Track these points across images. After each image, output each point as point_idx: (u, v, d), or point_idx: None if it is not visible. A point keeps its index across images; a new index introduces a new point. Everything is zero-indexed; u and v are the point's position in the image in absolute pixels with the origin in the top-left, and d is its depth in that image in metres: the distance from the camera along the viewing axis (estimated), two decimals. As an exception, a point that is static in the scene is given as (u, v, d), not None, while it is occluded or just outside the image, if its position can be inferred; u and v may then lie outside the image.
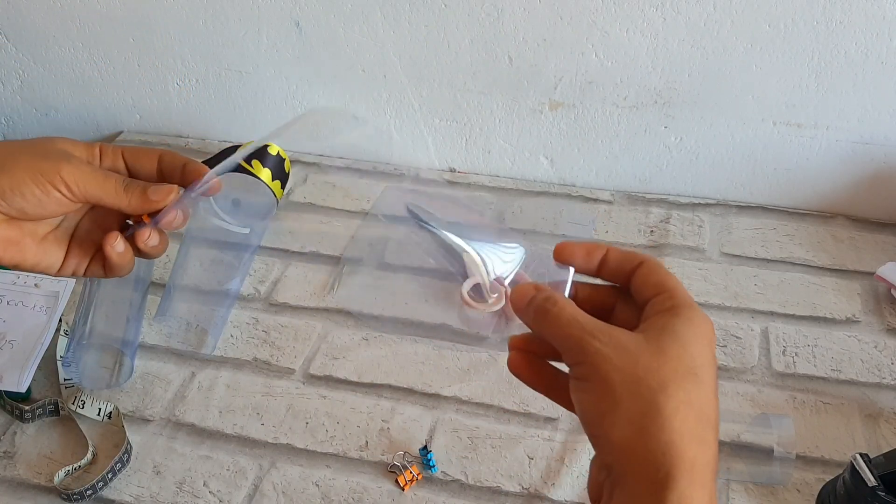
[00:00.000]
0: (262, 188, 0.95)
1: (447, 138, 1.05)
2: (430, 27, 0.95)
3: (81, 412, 0.74)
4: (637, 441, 0.35)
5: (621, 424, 0.36)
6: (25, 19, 1.06)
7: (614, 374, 0.36)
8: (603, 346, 0.37)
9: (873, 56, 0.85)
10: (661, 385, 0.36)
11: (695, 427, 0.36)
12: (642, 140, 0.98)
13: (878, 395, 0.75)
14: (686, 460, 0.35)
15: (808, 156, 0.95)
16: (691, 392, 0.36)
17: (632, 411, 0.36)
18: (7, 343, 0.78)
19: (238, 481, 0.70)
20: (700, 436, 0.36)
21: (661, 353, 0.37)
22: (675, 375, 0.36)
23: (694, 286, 0.88)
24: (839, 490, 0.62)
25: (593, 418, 0.37)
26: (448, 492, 0.69)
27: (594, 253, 0.42)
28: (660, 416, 0.35)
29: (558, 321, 0.39)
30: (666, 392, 0.36)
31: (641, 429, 0.35)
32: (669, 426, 0.35)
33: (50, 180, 0.46)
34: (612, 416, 0.36)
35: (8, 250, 0.48)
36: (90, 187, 0.47)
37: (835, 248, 0.93)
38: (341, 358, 0.80)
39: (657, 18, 0.88)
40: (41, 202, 0.46)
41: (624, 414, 0.36)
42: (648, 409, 0.35)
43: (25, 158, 0.46)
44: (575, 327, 0.38)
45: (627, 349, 0.37)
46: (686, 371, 0.36)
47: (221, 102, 1.09)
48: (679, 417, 0.35)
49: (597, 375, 0.37)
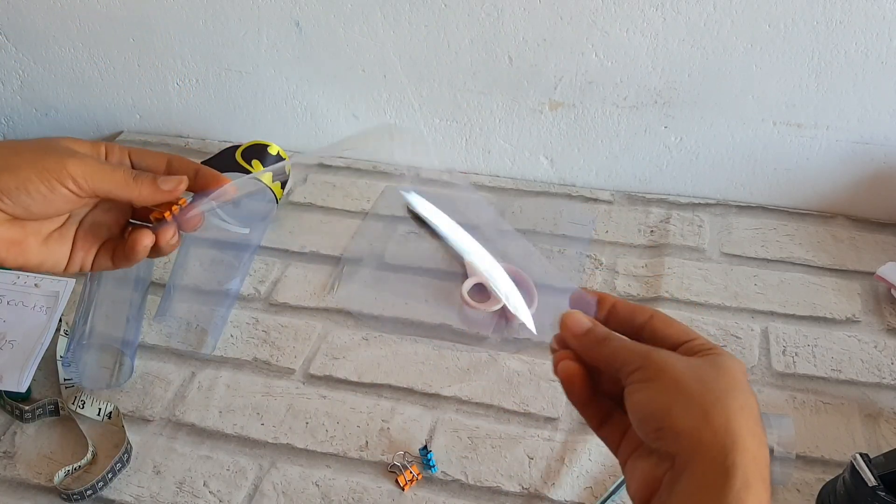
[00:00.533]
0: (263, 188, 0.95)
1: (447, 138, 1.05)
2: (430, 27, 0.95)
3: (81, 412, 0.74)
4: (705, 429, 0.38)
5: (689, 415, 0.38)
6: (25, 19, 1.06)
7: (680, 373, 0.40)
8: (666, 355, 0.41)
9: (873, 56, 0.86)
10: (724, 388, 0.39)
11: (754, 427, 0.38)
12: (642, 140, 0.98)
13: (878, 395, 0.76)
14: (749, 452, 0.37)
15: (808, 156, 0.95)
16: (748, 399, 0.39)
17: (699, 403, 0.38)
18: (7, 343, 0.78)
19: (238, 481, 0.70)
20: (758, 436, 0.38)
21: (717, 368, 0.40)
22: (735, 385, 0.39)
23: (694, 286, 0.88)
24: (839, 490, 0.62)
25: (658, 412, 0.39)
26: (448, 492, 0.69)
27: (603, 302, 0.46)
28: (726, 409, 0.38)
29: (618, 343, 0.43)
30: (729, 393, 0.39)
31: (709, 419, 0.38)
32: (735, 419, 0.38)
33: (56, 176, 0.44)
34: (680, 408, 0.39)
35: (11, 251, 0.47)
36: (98, 180, 0.46)
37: (835, 248, 0.93)
38: (341, 358, 0.80)
39: (657, 18, 0.88)
40: (47, 199, 0.45)
41: (692, 405, 0.38)
42: (716, 402, 0.38)
43: (29, 156, 0.45)
44: (635, 346, 0.42)
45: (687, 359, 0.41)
46: (742, 386, 0.40)
47: (221, 102, 1.09)
48: (743, 415, 0.38)
49: (664, 374, 0.40)
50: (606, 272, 0.90)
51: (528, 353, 0.80)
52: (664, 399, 0.39)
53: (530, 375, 0.78)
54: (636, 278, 0.89)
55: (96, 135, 1.18)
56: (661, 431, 0.39)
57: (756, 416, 0.39)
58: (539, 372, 0.78)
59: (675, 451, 0.38)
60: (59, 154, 0.46)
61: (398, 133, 0.79)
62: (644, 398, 0.40)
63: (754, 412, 0.39)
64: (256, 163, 0.95)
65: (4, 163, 0.44)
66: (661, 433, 0.39)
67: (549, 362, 0.80)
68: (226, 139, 1.12)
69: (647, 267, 0.91)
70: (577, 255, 0.92)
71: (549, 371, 0.78)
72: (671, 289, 0.87)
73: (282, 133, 1.10)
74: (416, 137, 0.85)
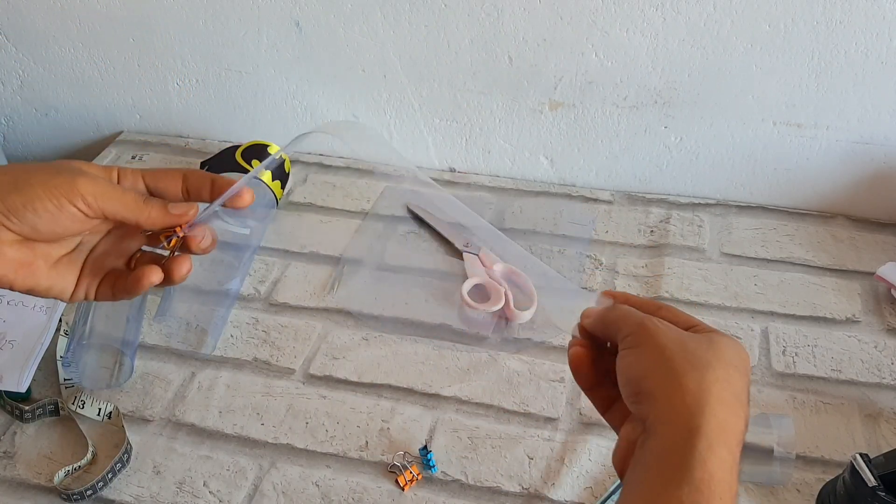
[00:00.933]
0: (262, 188, 0.95)
1: (447, 138, 1.05)
2: (430, 27, 0.95)
3: (81, 412, 0.74)
4: (675, 394, 0.39)
5: (664, 380, 0.40)
6: (25, 19, 1.06)
7: (667, 341, 0.41)
8: (660, 324, 0.43)
9: (873, 56, 0.85)
10: (705, 359, 0.40)
11: (729, 399, 0.40)
12: (642, 140, 0.98)
13: (878, 395, 0.75)
14: (716, 419, 0.38)
15: (808, 156, 0.95)
16: (731, 375, 0.40)
17: (676, 370, 0.40)
18: (7, 343, 0.78)
19: (238, 481, 0.70)
20: (732, 407, 0.39)
21: (708, 342, 0.42)
22: (719, 361, 0.41)
23: (694, 286, 0.88)
24: (839, 490, 0.62)
25: (638, 375, 0.41)
26: (448, 492, 0.69)
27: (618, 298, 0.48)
28: (701, 379, 0.39)
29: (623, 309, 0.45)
30: (710, 365, 0.40)
31: (682, 385, 0.39)
32: (707, 388, 0.39)
33: (65, 194, 0.44)
34: (658, 373, 0.40)
35: (20, 273, 0.46)
36: (107, 200, 0.45)
37: (835, 248, 0.93)
38: (341, 358, 0.80)
39: (657, 18, 0.88)
40: (55, 217, 0.44)
41: (669, 371, 0.40)
42: (692, 370, 0.40)
43: (39, 176, 0.44)
44: (636, 313, 0.45)
45: (680, 331, 0.43)
46: (728, 362, 0.41)
47: (221, 102, 1.09)
48: (718, 386, 0.39)
49: (651, 341, 0.42)
50: (606, 272, 0.90)
51: (528, 353, 0.80)
52: (646, 364, 0.41)
53: (530, 375, 0.78)
54: (636, 278, 0.89)
55: (96, 135, 1.18)
56: (639, 395, 0.41)
57: (736, 391, 0.40)
58: (539, 372, 0.78)
59: (647, 413, 0.40)
60: (70, 173, 0.45)
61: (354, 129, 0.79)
62: (629, 362, 0.42)
63: (734, 388, 0.40)
64: (256, 163, 0.95)
65: (14, 182, 0.44)
66: (638, 396, 0.41)
67: (549, 362, 0.81)
68: (226, 139, 1.12)
69: (647, 267, 0.91)
70: (577, 255, 0.92)
71: (549, 371, 0.78)
72: (671, 289, 0.87)
73: (282, 133, 1.10)
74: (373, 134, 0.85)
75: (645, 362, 0.41)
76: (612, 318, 0.45)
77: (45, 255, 0.47)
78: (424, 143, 1.06)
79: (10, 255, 0.45)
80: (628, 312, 0.45)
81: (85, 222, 0.46)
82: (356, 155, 1.02)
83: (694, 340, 0.42)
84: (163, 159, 1.10)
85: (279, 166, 0.98)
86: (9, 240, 0.45)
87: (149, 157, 1.11)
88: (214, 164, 0.96)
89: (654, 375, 0.41)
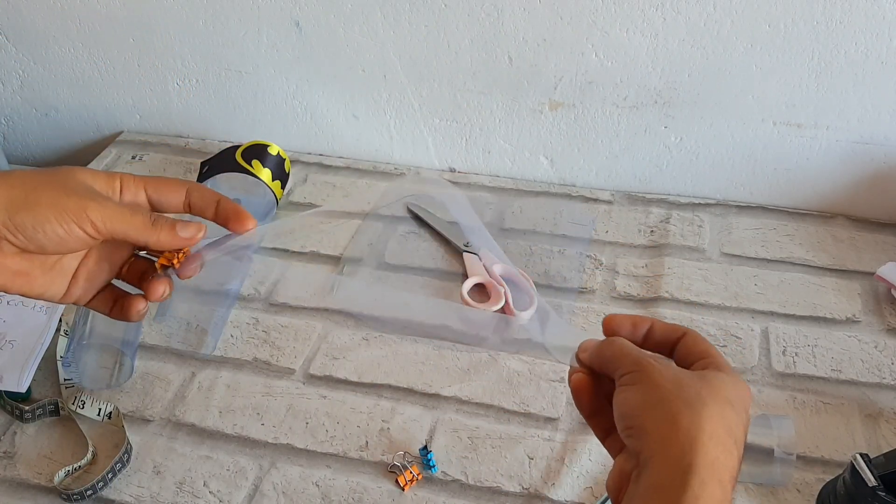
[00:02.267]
0: (262, 188, 0.95)
1: (447, 138, 1.05)
2: (430, 27, 0.95)
3: (81, 412, 0.74)
4: (669, 431, 0.40)
5: (659, 417, 0.40)
6: (25, 19, 1.06)
7: (662, 379, 0.42)
8: (656, 362, 0.43)
9: (873, 56, 0.85)
10: (699, 396, 0.41)
11: (723, 436, 0.40)
12: (642, 140, 0.98)
13: (878, 395, 0.75)
14: (709, 457, 0.39)
15: (808, 156, 0.95)
16: (726, 412, 0.41)
17: (671, 408, 0.40)
18: (7, 343, 0.78)
19: (238, 481, 0.70)
20: (725, 444, 0.40)
21: (704, 380, 0.42)
22: (715, 397, 0.41)
23: (694, 286, 0.88)
24: (839, 490, 0.62)
25: (633, 410, 0.42)
26: (448, 492, 0.69)
27: (640, 325, 0.48)
28: (695, 416, 0.40)
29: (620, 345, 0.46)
30: (704, 403, 0.40)
31: (675, 422, 0.40)
32: (700, 426, 0.39)
33: (75, 219, 0.44)
34: (653, 410, 0.41)
35: (16, 281, 0.46)
36: (117, 224, 0.45)
37: (835, 248, 0.93)
38: (341, 358, 0.80)
39: (657, 18, 0.88)
40: (63, 240, 0.44)
41: (663, 408, 0.41)
42: (685, 408, 0.40)
43: (48, 194, 0.44)
44: (634, 350, 0.45)
45: (676, 369, 0.43)
46: (723, 398, 0.41)
47: (221, 102, 1.09)
48: (711, 423, 0.40)
49: (647, 379, 0.42)
50: (606, 272, 0.90)
51: (528, 353, 0.80)
52: (640, 399, 0.42)
53: (530, 375, 0.78)
54: (636, 278, 0.89)
55: (96, 135, 1.18)
56: (633, 429, 0.42)
57: (730, 427, 0.41)
58: (539, 372, 0.78)
59: (641, 448, 0.41)
60: (80, 195, 0.45)
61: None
62: (624, 398, 0.43)
63: (728, 424, 0.41)
64: (256, 163, 0.95)
65: (23, 199, 0.44)
66: (632, 430, 0.42)
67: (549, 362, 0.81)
68: (226, 139, 1.12)
69: (647, 267, 0.91)
70: (577, 255, 0.92)
71: (549, 371, 0.78)
72: (671, 289, 0.87)
73: (282, 133, 1.10)
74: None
75: (640, 399, 0.42)
76: (609, 355, 0.46)
77: (42, 264, 0.48)
78: (424, 143, 1.06)
79: (9, 266, 0.46)
80: (625, 350, 0.45)
81: (91, 243, 0.46)
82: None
83: (690, 378, 0.42)
84: (163, 159, 1.10)
85: (279, 166, 0.98)
86: (10, 252, 0.45)
87: (149, 157, 1.11)
88: (214, 163, 0.96)
89: (648, 412, 0.41)
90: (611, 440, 0.47)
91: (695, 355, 0.45)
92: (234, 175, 0.94)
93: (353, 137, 1.08)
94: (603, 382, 0.47)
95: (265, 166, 0.96)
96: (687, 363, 0.45)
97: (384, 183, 1.05)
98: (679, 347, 0.46)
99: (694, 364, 0.44)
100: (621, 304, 0.86)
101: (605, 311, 0.85)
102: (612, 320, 0.48)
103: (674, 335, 0.47)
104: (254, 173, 0.94)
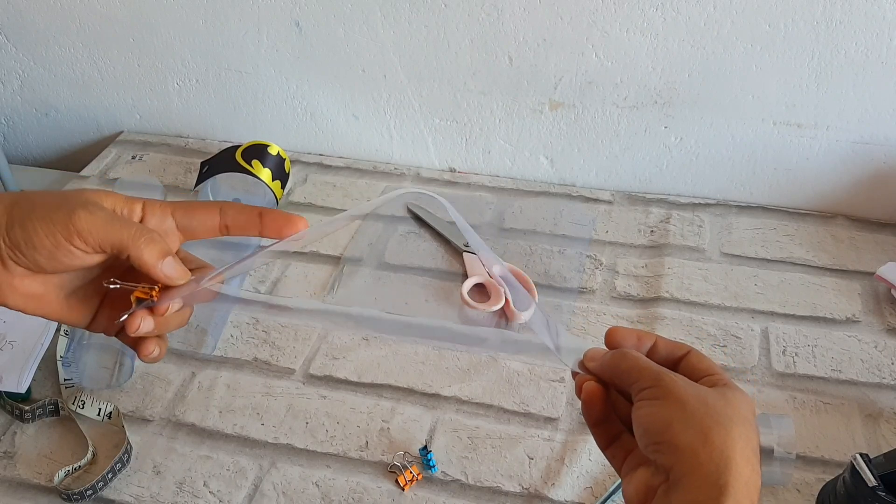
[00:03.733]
0: (262, 188, 0.95)
1: (447, 138, 1.05)
2: (430, 27, 0.95)
3: (81, 412, 0.74)
4: (702, 448, 0.39)
5: (689, 432, 0.40)
6: (25, 19, 1.06)
7: (687, 395, 0.42)
8: (677, 377, 0.43)
9: (873, 56, 0.85)
10: (727, 415, 0.41)
11: (751, 456, 0.40)
12: (642, 140, 0.98)
13: (878, 395, 0.75)
14: (742, 476, 0.39)
15: (808, 156, 0.95)
16: (748, 432, 0.41)
17: (701, 424, 0.40)
18: (7, 343, 0.78)
19: (238, 481, 0.70)
20: (753, 464, 0.40)
21: (724, 398, 0.42)
22: (739, 417, 0.41)
23: (694, 286, 0.88)
24: (839, 490, 0.62)
25: (660, 426, 0.41)
26: (448, 492, 0.69)
27: (644, 340, 0.47)
28: (726, 435, 0.40)
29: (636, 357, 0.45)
30: (731, 421, 0.41)
31: (708, 439, 0.40)
32: (732, 446, 0.40)
33: (61, 231, 0.41)
34: (681, 424, 0.40)
35: (29, 304, 0.45)
36: (104, 234, 0.42)
37: (835, 248, 0.93)
38: (341, 358, 0.80)
39: (657, 18, 0.88)
40: (52, 254, 0.42)
41: (694, 424, 0.40)
42: (716, 425, 0.40)
43: (40, 210, 0.42)
44: (652, 364, 0.44)
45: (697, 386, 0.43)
46: (745, 418, 0.42)
47: (221, 102, 1.09)
48: (741, 443, 0.40)
49: (671, 394, 0.42)
50: (606, 272, 0.90)
51: (529, 354, 0.80)
52: (667, 415, 0.41)
53: (530, 375, 0.78)
54: (636, 278, 0.89)
55: (96, 135, 1.18)
56: (661, 445, 0.41)
57: (754, 448, 0.41)
58: (539, 372, 0.78)
59: (672, 465, 0.40)
60: (71, 207, 0.42)
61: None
62: (649, 412, 0.42)
63: (753, 444, 0.41)
64: (256, 163, 0.95)
65: (21, 215, 0.42)
66: (660, 446, 0.41)
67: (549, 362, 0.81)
68: (226, 139, 1.12)
69: (647, 267, 0.91)
70: (577, 255, 0.92)
71: (549, 371, 0.78)
72: (671, 289, 0.87)
73: (282, 133, 1.10)
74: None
75: (666, 413, 0.41)
76: (625, 368, 0.45)
77: (58, 287, 0.45)
78: (424, 143, 1.06)
79: (18, 287, 0.44)
80: (642, 364, 0.44)
81: (86, 257, 0.43)
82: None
83: (712, 394, 0.42)
84: (163, 159, 1.10)
85: (279, 166, 0.98)
86: (19, 273, 0.43)
87: (149, 157, 1.11)
88: (214, 163, 0.96)
89: (678, 428, 0.41)
90: (613, 449, 0.47)
91: (700, 372, 0.45)
92: (234, 175, 0.94)
93: (353, 137, 1.08)
94: (609, 390, 0.47)
95: (265, 166, 0.96)
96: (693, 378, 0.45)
97: (384, 183, 1.05)
98: (683, 365, 0.46)
99: (700, 381, 0.44)
100: (621, 304, 0.86)
101: (605, 312, 0.85)
102: (616, 332, 0.47)
103: (678, 352, 0.46)
104: (254, 173, 0.94)
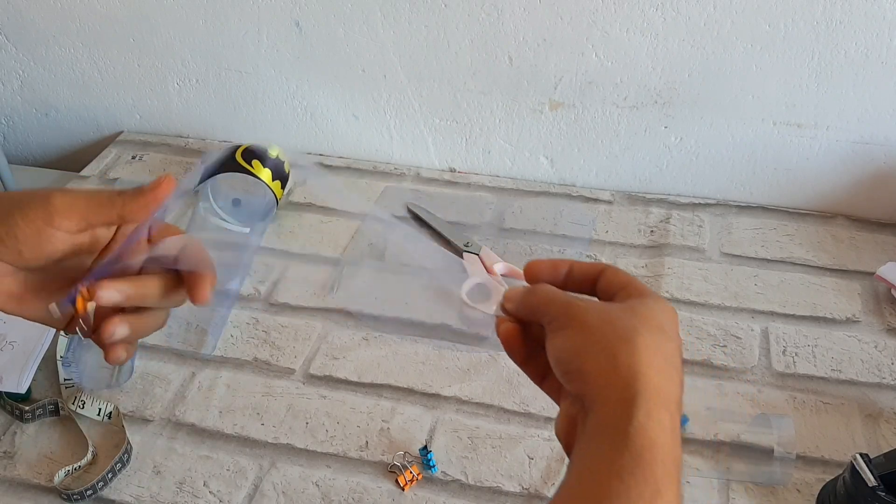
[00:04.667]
0: (262, 188, 0.95)
1: (447, 138, 1.05)
2: (430, 27, 0.95)
3: (81, 412, 0.74)
4: (609, 368, 0.39)
5: (595, 356, 0.40)
6: (25, 19, 1.06)
7: (591, 318, 0.42)
8: (582, 303, 0.43)
9: (873, 56, 0.85)
10: (632, 328, 0.40)
11: (662, 364, 0.40)
12: (642, 140, 0.98)
13: (878, 395, 0.75)
14: (651, 385, 0.39)
15: (808, 156, 0.95)
16: (659, 340, 0.41)
17: (606, 344, 0.40)
18: (7, 344, 0.78)
19: (238, 481, 0.70)
20: (666, 371, 0.40)
21: (632, 310, 0.42)
22: (645, 326, 0.41)
23: (694, 286, 0.88)
24: (839, 490, 0.62)
25: (569, 355, 0.41)
26: (448, 492, 0.69)
27: (560, 267, 0.47)
28: (631, 349, 0.39)
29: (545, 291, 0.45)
30: (637, 333, 0.40)
31: (613, 358, 0.40)
32: (638, 357, 0.39)
33: (41, 216, 0.42)
34: (588, 350, 0.41)
35: (8, 304, 0.45)
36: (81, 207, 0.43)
37: (835, 248, 0.93)
38: (341, 358, 0.80)
39: (657, 18, 0.88)
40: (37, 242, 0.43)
41: (599, 347, 0.40)
42: (620, 342, 0.40)
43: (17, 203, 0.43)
44: (559, 294, 0.45)
45: (603, 305, 0.43)
46: (655, 326, 0.41)
47: (221, 102, 1.09)
48: (648, 353, 0.40)
49: (576, 321, 0.42)
50: (606, 272, 0.90)
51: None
52: (574, 343, 0.41)
53: (530, 375, 0.78)
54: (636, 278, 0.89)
55: (96, 135, 1.18)
56: (572, 374, 0.41)
57: (668, 355, 0.40)
58: (539, 372, 0.78)
59: (584, 392, 0.40)
60: (46, 194, 0.43)
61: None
62: (557, 343, 0.42)
63: (665, 352, 0.40)
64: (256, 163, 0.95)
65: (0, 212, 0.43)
66: (571, 375, 0.41)
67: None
68: (226, 139, 1.12)
69: (647, 267, 0.91)
70: (577, 255, 0.92)
71: (549, 371, 0.78)
72: (671, 289, 0.87)
73: (282, 133, 1.10)
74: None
75: (573, 342, 0.42)
76: (536, 302, 0.45)
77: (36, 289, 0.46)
78: (424, 143, 1.06)
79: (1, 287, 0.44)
80: (550, 295, 0.45)
81: (68, 239, 0.44)
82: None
83: (619, 311, 0.42)
84: (163, 159, 1.10)
85: (279, 167, 0.98)
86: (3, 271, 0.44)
87: (149, 157, 1.11)
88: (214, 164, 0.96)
89: (584, 354, 0.41)
90: (548, 383, 0.47)
91: (615, 287, 0.45)
92: (234, 175, 0.94)
93: (353, 137, 1.08)
94: (532, 328, 0.47)
95: (265, 166, 0.96)
96: (609, 297, 0.45)
97: (384, 183, 1.05)
98: (600, 283, 0.46)
99: (616, 296, 0.44)
100: (621, 304, 0.86)
101: (605, 311, 0.85)
102: (532, 266, 0.48)
103: (593, 271, 0.46)
104: (254, 173, 0.94)
